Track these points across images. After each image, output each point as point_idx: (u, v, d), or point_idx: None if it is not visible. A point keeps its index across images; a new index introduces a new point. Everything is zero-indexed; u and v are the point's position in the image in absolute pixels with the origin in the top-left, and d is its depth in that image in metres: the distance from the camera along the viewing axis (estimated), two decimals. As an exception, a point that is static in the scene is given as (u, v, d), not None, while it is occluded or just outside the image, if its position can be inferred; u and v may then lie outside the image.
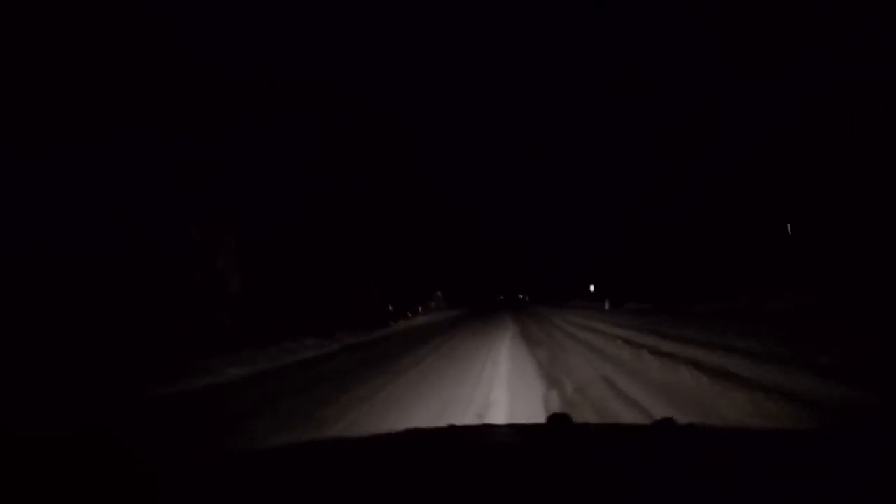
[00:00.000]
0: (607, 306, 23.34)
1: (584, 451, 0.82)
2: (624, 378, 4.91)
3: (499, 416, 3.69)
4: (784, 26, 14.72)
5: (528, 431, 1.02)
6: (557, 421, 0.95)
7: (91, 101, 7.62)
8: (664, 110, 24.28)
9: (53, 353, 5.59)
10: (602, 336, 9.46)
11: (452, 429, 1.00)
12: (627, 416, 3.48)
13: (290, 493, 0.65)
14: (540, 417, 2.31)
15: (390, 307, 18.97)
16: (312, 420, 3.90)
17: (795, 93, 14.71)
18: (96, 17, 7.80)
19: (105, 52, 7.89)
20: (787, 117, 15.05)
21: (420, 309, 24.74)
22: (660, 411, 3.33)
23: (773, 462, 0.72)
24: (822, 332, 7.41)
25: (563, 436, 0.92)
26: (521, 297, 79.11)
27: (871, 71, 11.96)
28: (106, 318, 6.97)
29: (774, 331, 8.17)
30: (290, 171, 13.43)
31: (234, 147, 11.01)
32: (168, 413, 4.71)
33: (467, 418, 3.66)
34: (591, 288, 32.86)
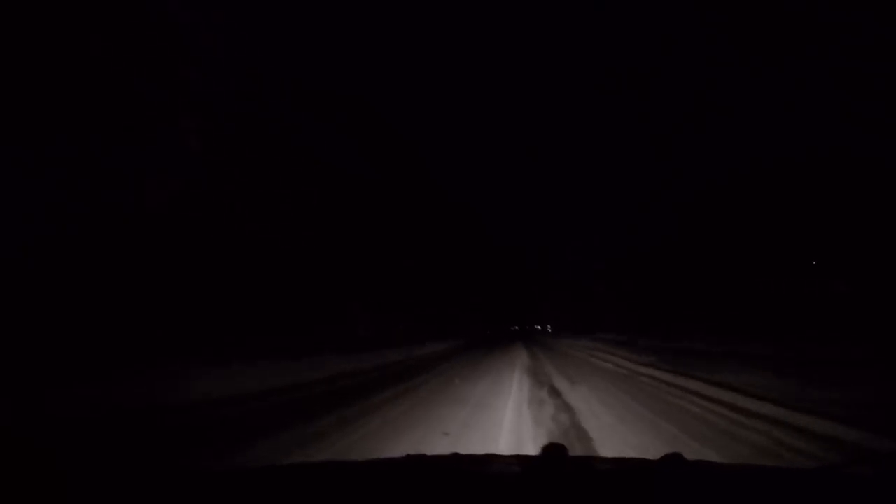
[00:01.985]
0: None
1: (588, 488, 0.78)
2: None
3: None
4: (785, 26, 14.72)
5: (531, 463, 0.96)
6: (555, 453, 0.90)
7: (94, 100, 7.62)
8: (664, 110, 24.27)
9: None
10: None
11: (455, 457, 0.97)
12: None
13: None
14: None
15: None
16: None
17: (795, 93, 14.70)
18: (97, 17, 7.79)
19: (107, 52, 7.88)
20: (788, 117, 15.04)
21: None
22: None
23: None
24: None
25: (567, 469, 0.87)
26: (540, 328, 58.38)
27: (874, 70, 11.95)
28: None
29: None
30: (290, 172, 13.41)
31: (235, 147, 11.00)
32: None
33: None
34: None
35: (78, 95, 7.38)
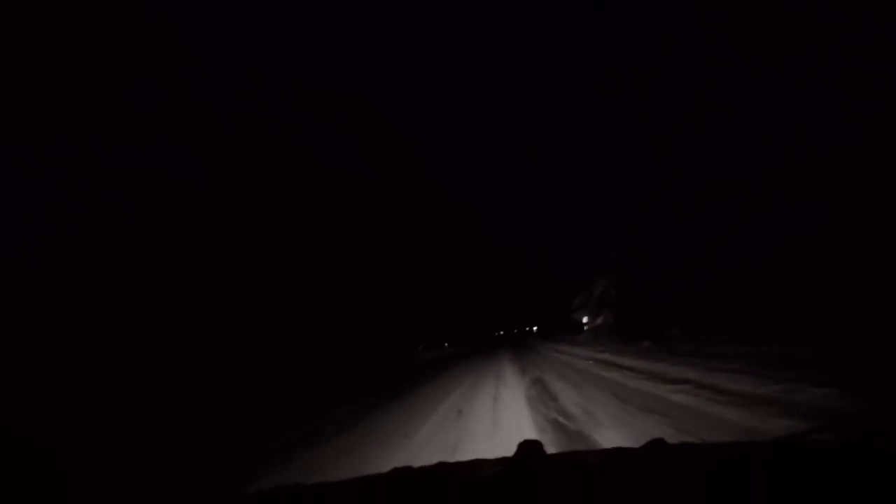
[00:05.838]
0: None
1: (569, 484, 0.77)
2: None
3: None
4: (785, 26, 14.71)
5: (515, 463, 0.96)
6: (530, 450, 0.88)
7: (94, 101, 7.62)
8: (664, 110, 24.26)
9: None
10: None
11: (441, 466, 0.97)
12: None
13: None
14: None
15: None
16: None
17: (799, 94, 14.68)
18: (97, 18, 7.79)
19: (107, 52, 7.88)
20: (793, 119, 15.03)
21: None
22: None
23: (779, 481, 0.68)
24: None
25: (545, 466, 0.85)
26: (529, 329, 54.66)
27: (874, 70, 11.94)
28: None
29: None
30: (291, 174, 13.40)
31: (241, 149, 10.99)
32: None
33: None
34: None
35: (78, 96, 7.37)
